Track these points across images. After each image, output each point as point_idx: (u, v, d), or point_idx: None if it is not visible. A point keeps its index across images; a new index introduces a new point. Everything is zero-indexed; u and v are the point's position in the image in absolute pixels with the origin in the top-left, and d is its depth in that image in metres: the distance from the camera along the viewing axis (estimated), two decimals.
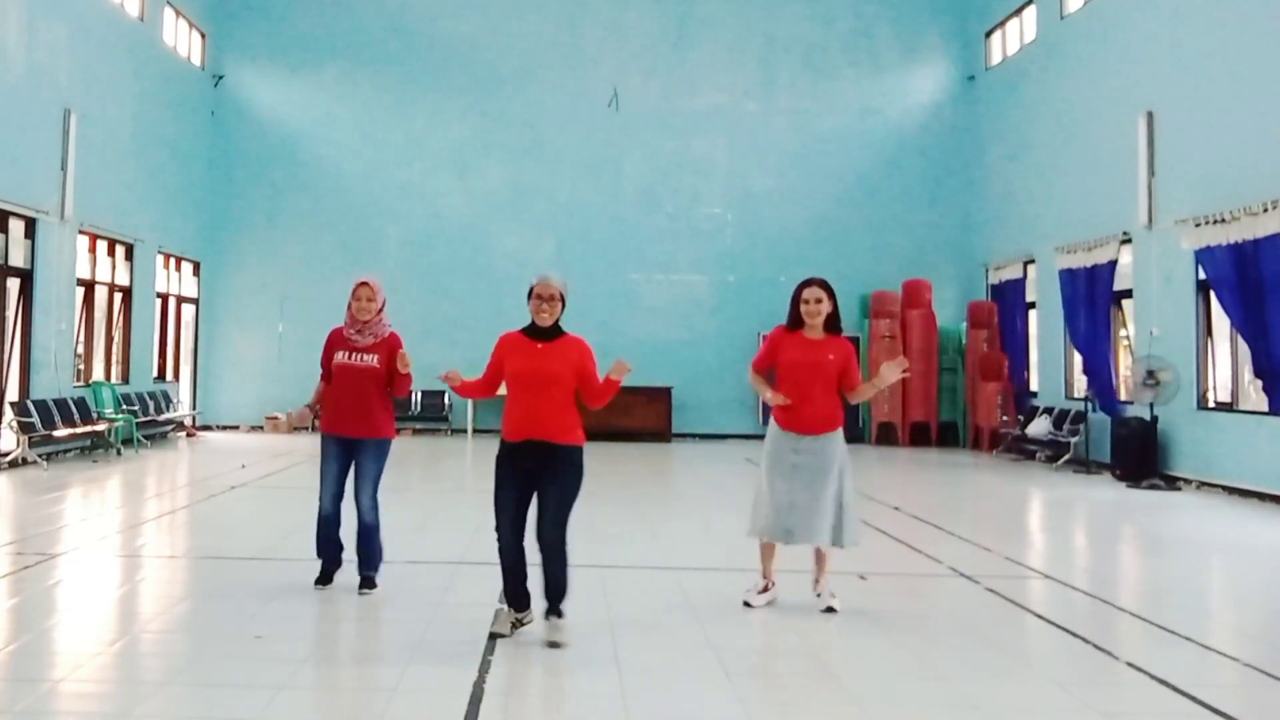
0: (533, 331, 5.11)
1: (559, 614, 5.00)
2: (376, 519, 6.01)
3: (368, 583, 6.00)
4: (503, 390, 5.21)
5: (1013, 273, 17.02)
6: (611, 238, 18.66)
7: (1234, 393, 11.84)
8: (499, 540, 5.04)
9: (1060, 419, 14.61)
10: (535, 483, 5.00)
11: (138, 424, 14.39)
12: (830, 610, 5.71)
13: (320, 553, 6.08)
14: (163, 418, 15.79)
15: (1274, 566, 7.81)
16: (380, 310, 5.99)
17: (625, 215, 18.72)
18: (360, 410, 5.93)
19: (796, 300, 5.79)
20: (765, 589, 5.89)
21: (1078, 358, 14.70)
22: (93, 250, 14.48)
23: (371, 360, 5.93)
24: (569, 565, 5.03)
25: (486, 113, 18.68)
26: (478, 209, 18.62)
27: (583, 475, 5.07)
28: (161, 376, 16.82)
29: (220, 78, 18.43)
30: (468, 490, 11.71)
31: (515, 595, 5.11)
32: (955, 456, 15.90)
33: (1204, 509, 10.53)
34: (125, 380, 15.33)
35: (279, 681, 4.42)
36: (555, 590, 5.01)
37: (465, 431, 17.93)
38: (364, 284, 5.95)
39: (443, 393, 17.70)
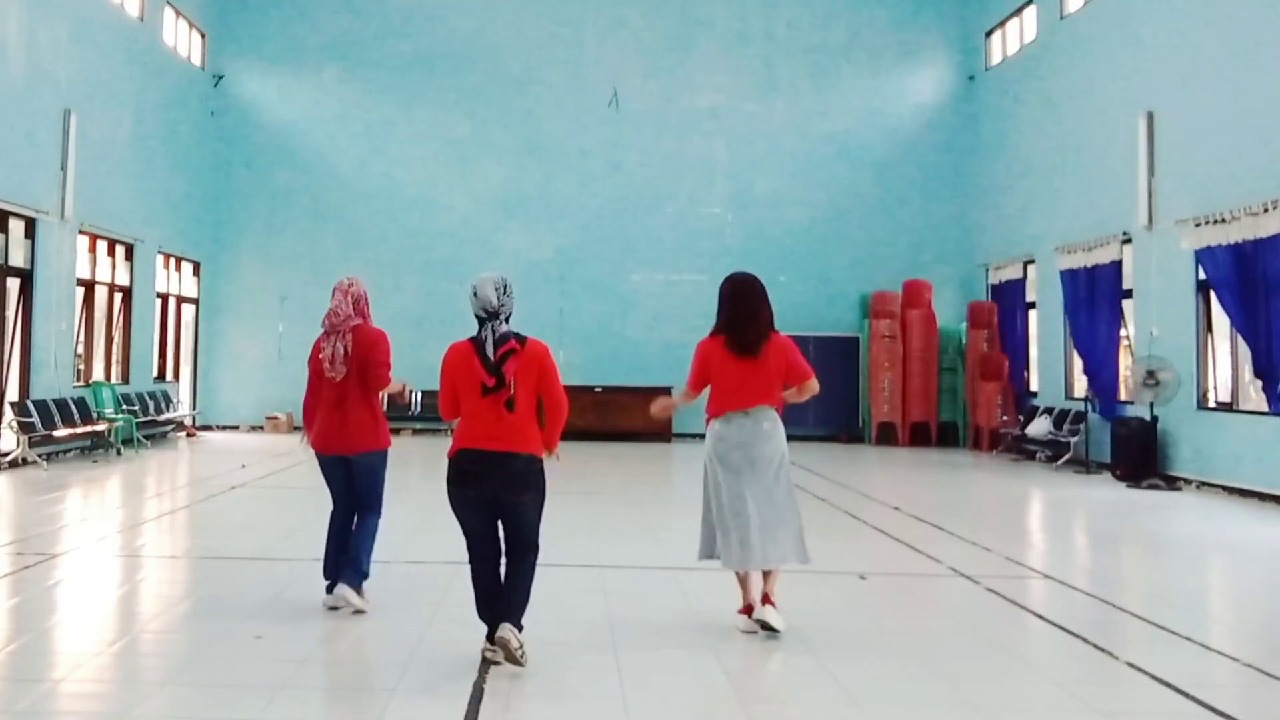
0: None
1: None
2: None
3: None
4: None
5: (1013, 273, 17.01)
6: (611, 238, 18.65)
7: (1234, 393, 11.84)
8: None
9: (1060, 419, 14.61)
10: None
11: (138, 424, 14.38)
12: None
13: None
14: (163, 418, 15.79)
15: (1274, 566, 7.81)
16: None
17: (625, 215, 18.71)
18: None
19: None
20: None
21: (1078, 358, 14.70)
22: (93, 250, 14.47)
23: None
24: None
25: (486, 113, 18.68)
26: (478, 209, 18.62)
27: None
28: (161, 376, 16.82)
29: (220, 78, 18.43)
30: None
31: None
32: (955, 456, 15.89)
33: (1204, 509, 10.52)
34: (125, 380, 15.33)
35: (279, 681, 4.42)
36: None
37: None
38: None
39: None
